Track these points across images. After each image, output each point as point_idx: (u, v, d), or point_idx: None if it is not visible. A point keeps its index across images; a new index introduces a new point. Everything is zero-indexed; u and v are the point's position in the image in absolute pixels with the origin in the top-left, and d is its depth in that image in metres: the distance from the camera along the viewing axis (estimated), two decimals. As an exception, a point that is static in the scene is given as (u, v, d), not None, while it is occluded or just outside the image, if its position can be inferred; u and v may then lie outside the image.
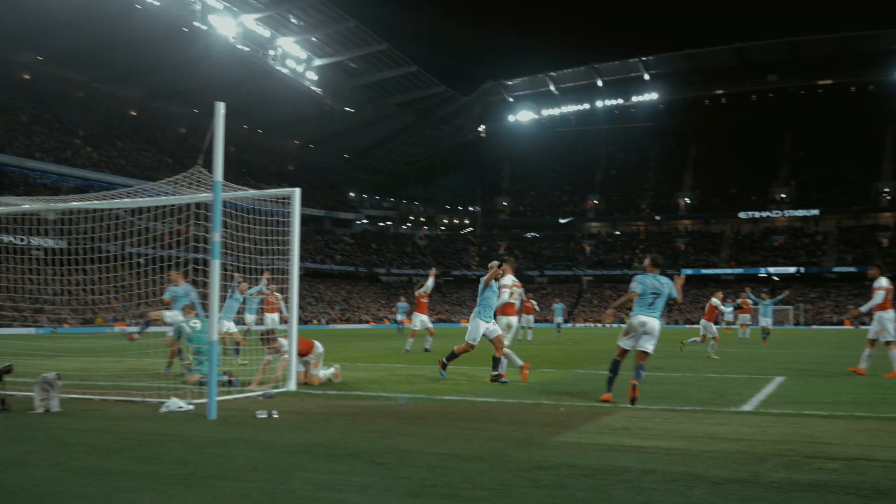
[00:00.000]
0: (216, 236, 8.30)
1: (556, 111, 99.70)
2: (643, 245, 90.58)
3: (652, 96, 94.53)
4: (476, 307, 11.91)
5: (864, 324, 68.12)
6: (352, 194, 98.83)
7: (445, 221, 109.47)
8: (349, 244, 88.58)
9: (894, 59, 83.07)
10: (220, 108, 8.42)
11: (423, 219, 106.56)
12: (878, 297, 13.47)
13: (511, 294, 12.44)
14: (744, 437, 6.75)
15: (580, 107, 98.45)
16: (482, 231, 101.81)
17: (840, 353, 21.73)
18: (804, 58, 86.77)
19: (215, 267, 8.41)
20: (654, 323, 9.49)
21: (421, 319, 21.38)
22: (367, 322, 70.59)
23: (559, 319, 38.10)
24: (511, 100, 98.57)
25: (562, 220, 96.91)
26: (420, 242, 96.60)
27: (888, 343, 13.34)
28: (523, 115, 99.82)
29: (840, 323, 66.00)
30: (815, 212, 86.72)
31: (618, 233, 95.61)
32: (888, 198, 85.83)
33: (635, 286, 9.58)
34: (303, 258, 74.86)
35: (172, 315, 13.17)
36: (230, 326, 16.67)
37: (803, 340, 33.96)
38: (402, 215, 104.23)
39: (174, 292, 13.64)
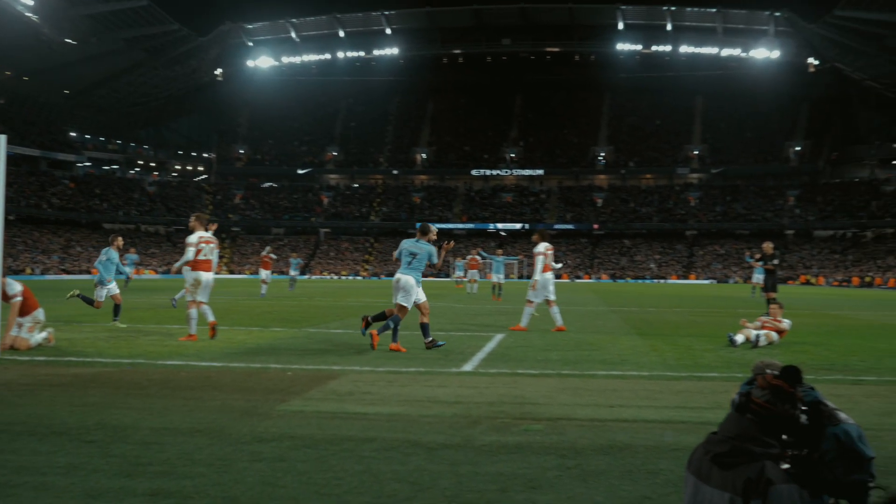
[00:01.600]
0: None
1: (297, 59, 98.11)
2: (380, 198, 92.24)
3: (393, 51, 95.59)
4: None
5: (578, 277, 74.13)
6: (73, 134, 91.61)
7: (178, 167, 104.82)
8: (69, 188, 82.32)
9: (613, 33, 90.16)
10: None
11: (153, 164, 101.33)
12: (540, 262, 14.94)
13: (199, 252, 12.16)
14: (461, 400, 7.05)
15: (322, 56, 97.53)
16: (217, 179, 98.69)
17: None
18: (535, 24, 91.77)
19: None
20: (406, 279, 11.02)
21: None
22: (90, 272, 66.22)
23: (294, 273, 37.87)
24: (250, 44, 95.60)
25: (300, 171, 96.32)
26: (149, 189, 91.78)
27: (548, 301, 15.03)
28: (263, 61, 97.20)
29: (559, 276, 71.25)
30: (540, 172, 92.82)
31: (356, 185, 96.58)
32: (603, 161, 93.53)
33: (396, 251, 11.35)
34: (14, 201, 68.66)
35: None
36: (111, 288, 15.91)
37: (525, 294, 36.10)
38: (129, 159, 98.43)
39: None
